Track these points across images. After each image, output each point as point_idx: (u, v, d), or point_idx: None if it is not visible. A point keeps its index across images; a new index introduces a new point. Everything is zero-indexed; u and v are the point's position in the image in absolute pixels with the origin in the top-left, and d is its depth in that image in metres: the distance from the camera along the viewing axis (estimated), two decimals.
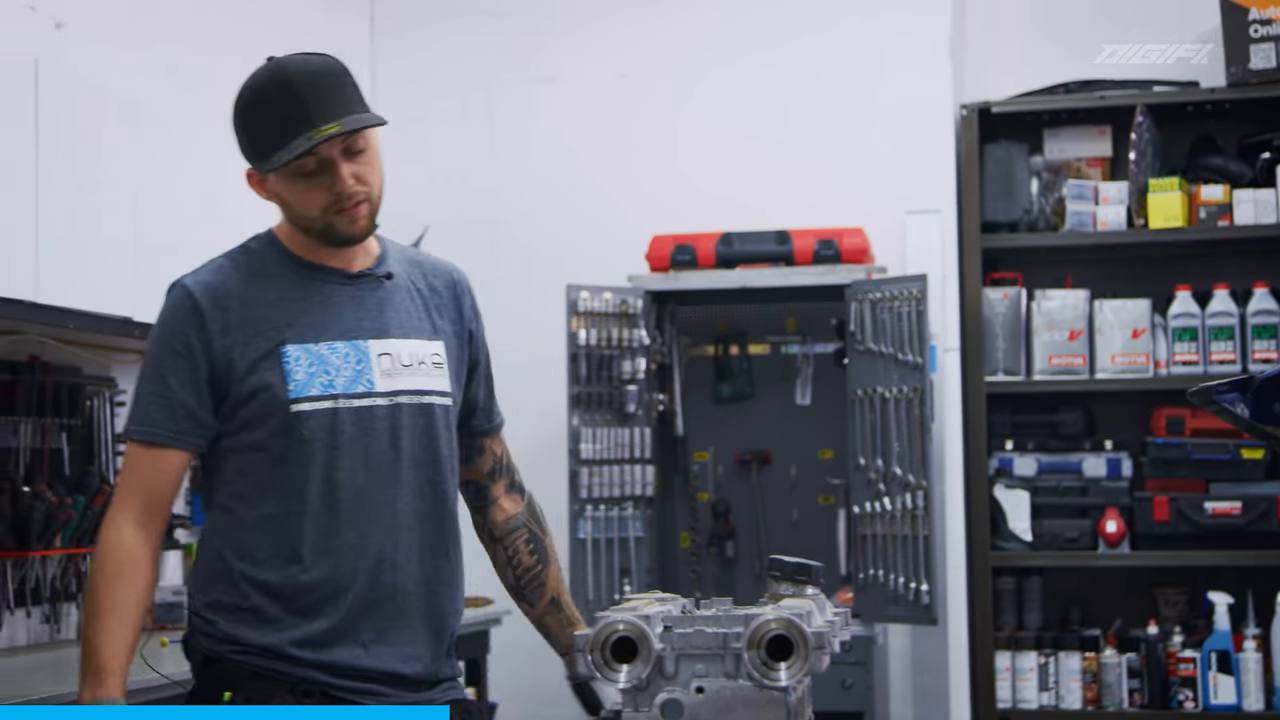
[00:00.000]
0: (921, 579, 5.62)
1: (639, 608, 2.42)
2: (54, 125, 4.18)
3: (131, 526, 2.83)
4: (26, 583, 4.52)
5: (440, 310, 3.07)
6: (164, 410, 2.84)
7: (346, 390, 2.87)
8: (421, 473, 2.94)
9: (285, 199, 2.89)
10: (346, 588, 2.84)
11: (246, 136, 2.87)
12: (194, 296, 2.87)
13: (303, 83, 2.81)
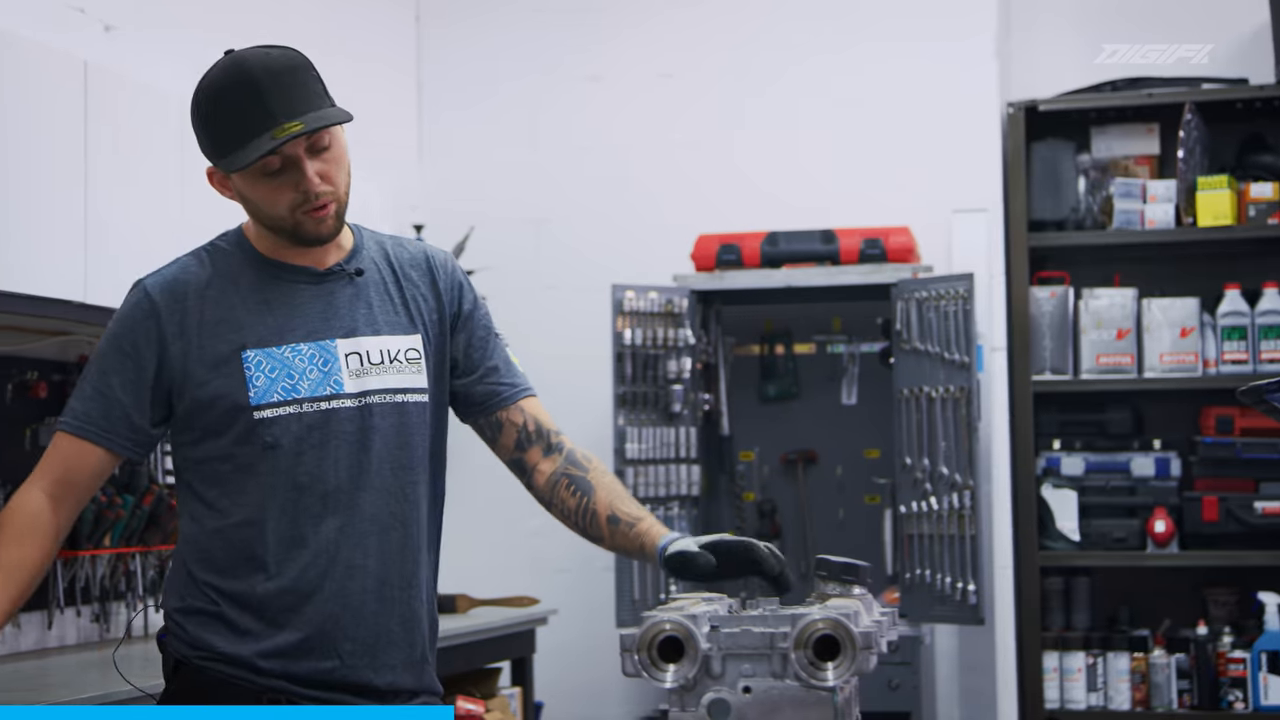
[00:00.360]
0: (968, 579, 5.61)
1: (685, 607, 2.42)
2: (102, 127, 4.20)
3: (42, 495, 2.77)
4: (76, 582, 4.55)
5: (417, 299, 2.93)
6: (99, 407, 2.77)
7: (311, 394, 2.77)
8: (392, 475, 2.83)
9: (250, 199, 2.79)
10: (313, 596, 2.75)
11: (207, 135, 2.76)
12: (152, 298, 2.79)
13: (264, 78, 2.69)
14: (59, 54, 4.15)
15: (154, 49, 5.06)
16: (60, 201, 4.07)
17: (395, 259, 2.95)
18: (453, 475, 6.83)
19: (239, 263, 2.84)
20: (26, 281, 3.95)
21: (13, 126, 3.91)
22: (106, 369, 2.79)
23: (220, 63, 2.75)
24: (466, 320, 2.99)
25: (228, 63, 2.74)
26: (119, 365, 2.78)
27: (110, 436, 2.78)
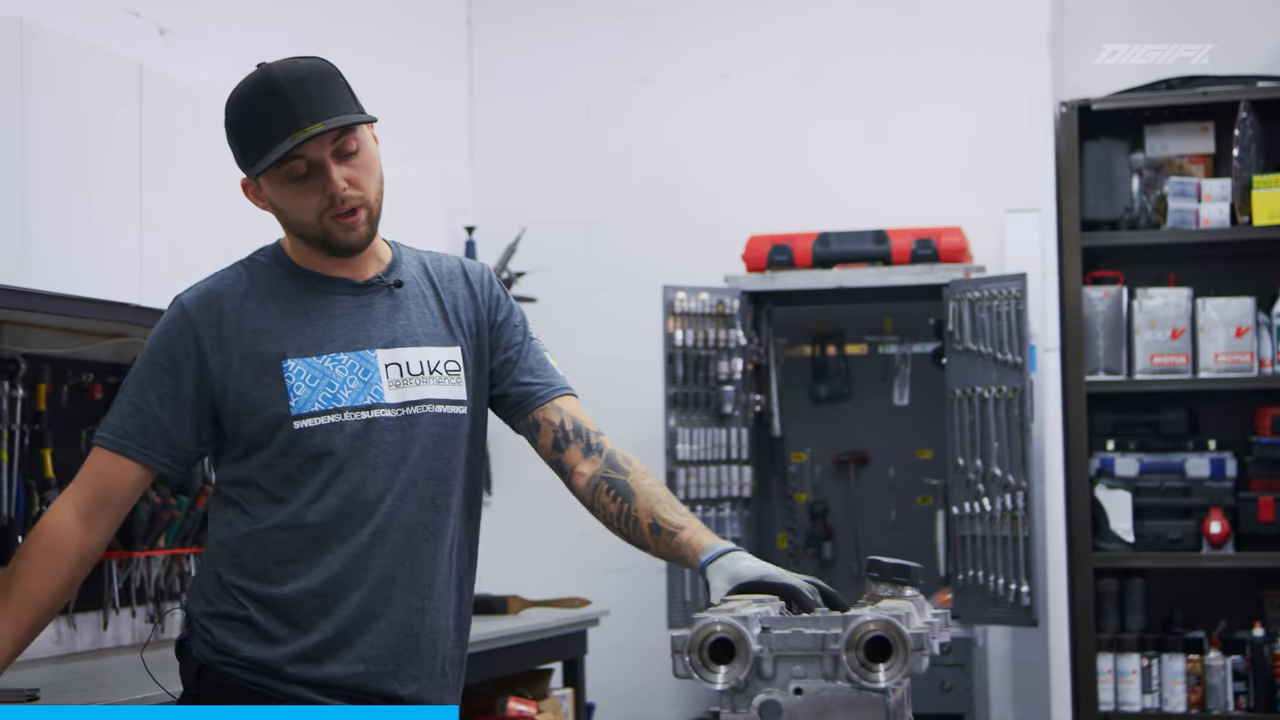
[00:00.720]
0: (1022, 580, 5.58)
1: (736, 609, 2.41)
2: (157, 130, 4.23)
3: (74, 514, 2.76)
4: (131, 582, 4.58)
5: (457, 311, 2.93)
6: (137, 423, 2.78)
7: (352, 403, 2.78)
8: (428, 485, 2.84)
9: (279, 206, 2.80)
10: (341, 600, 2.76)
11: (236, 143, 2.79)
12: (189, 313, 2.80)
13: (289, 85, 2.72)
14: (115, 58, 4.18)
15: (208, 52, 5.09)
16: (116, 204, 4.10)
17: (434, 272, 2.96)
18: (505, 478, 6.92)
19: (277, 275, 2.86)
20: (82, 284, 3.98)
21: (70, 130, 3.94)
22: (144, 384, 2.80)
23: (249, 75, 2.79)
24: (503, 327, 2.99)
25: (256, 74, 2.78)
26: (156, 381, 2.79)
27: (148, 452, 2.78)
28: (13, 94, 3.76)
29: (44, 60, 3.85)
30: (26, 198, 3.78)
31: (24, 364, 4.27)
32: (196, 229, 4.28)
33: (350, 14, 6.04)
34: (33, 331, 4.35)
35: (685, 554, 2.77)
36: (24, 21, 3.81)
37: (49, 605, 2.75)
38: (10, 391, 4.23)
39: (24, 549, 2.75)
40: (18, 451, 4.24)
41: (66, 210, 3.92)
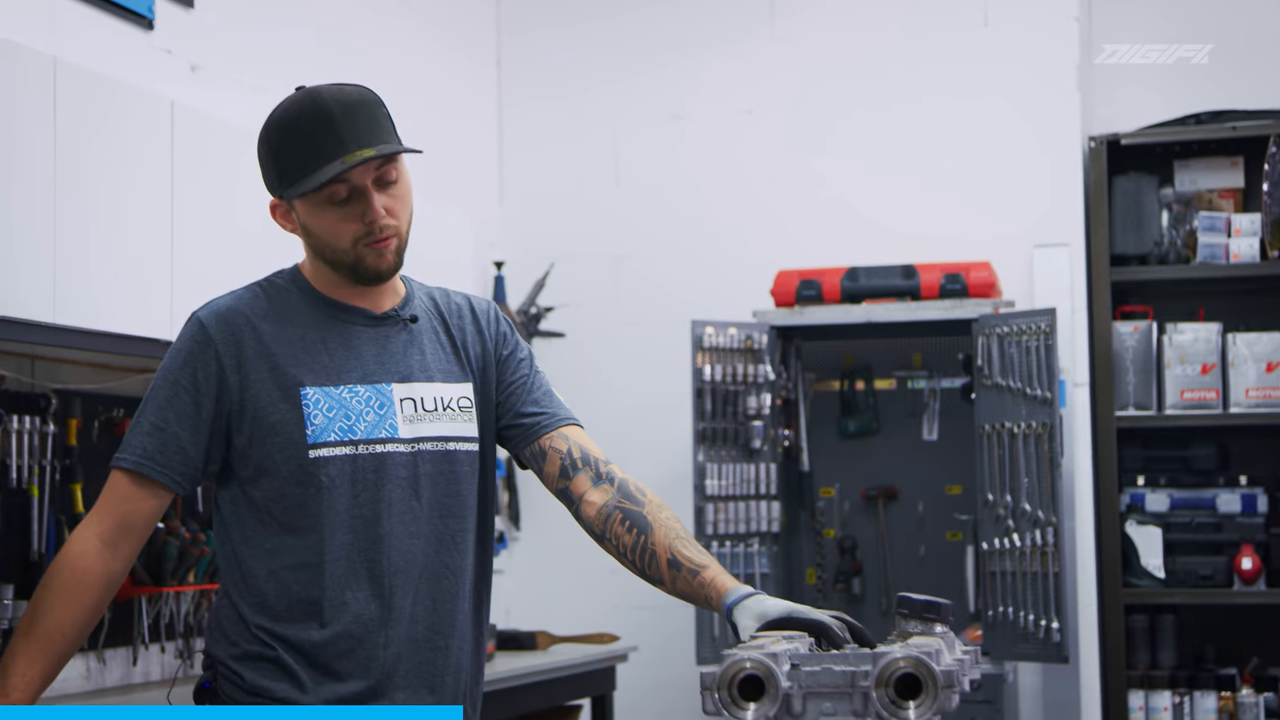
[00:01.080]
0: (1052, 616, 5.56)
1: (766, 645, 2.40)
2: (189, 166, 4.25)
3: (97, 543, 2.72)
4: (161, 618, 4.59)
5: (466, 347, 2.92)
6: (157, 443, 2.74)
7: (367, 436, 2.76)
8: (442, 523, 2.81)
9: (313, 229, 2.78)
10: (366, 642, 2.74)
11: (275, 163, 2.76)
12: (208, 330, 2.77)
13: (337, 109, 2.71)
14: (146, 94, 4.21)
15: (238, 88, 5.12)
16: (148, 239, 4.12)
17: (444, 308, 2.96)
18: (533, 514, 6.92)
19: (295, 299, 2.84)
20: (113, 320, 4.00)
21: (101, 165, 3.96)
22: (163, 403, 2.76)
23: (293, 96, 2.78)
24: (509, 360, 2.97)
25: (301, 95, 2.77)
26: (175, 399, 2.75)
27: (165, 471, 2.74)
28: (45, 130, 3.79)
29: (76, 97, 3.88)
30: (58, 233, 3.81)
31: (55, 399, 4.29)
32: (227, 264, 4.29)
33: (380, 53, 6.07)
34: (64, 367, 4.37)
35: (709, 595, 2.73)
36: (57, 59, 3.84)
37: (75, 636, 2.73)
38: (41, 427, 4.25)
39: (48, 579, 2.73)
40: (48, 486, 4.26)
41: (97, 246, 3.94)
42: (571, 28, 6.98)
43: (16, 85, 3.72)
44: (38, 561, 4.18)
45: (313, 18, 5.68)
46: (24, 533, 4.20)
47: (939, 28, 6.55)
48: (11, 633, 3.98)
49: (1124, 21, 6.58)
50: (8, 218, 3.68)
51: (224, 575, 2.83)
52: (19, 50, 3.75)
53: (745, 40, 6.79)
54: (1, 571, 4.09)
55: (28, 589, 4.10)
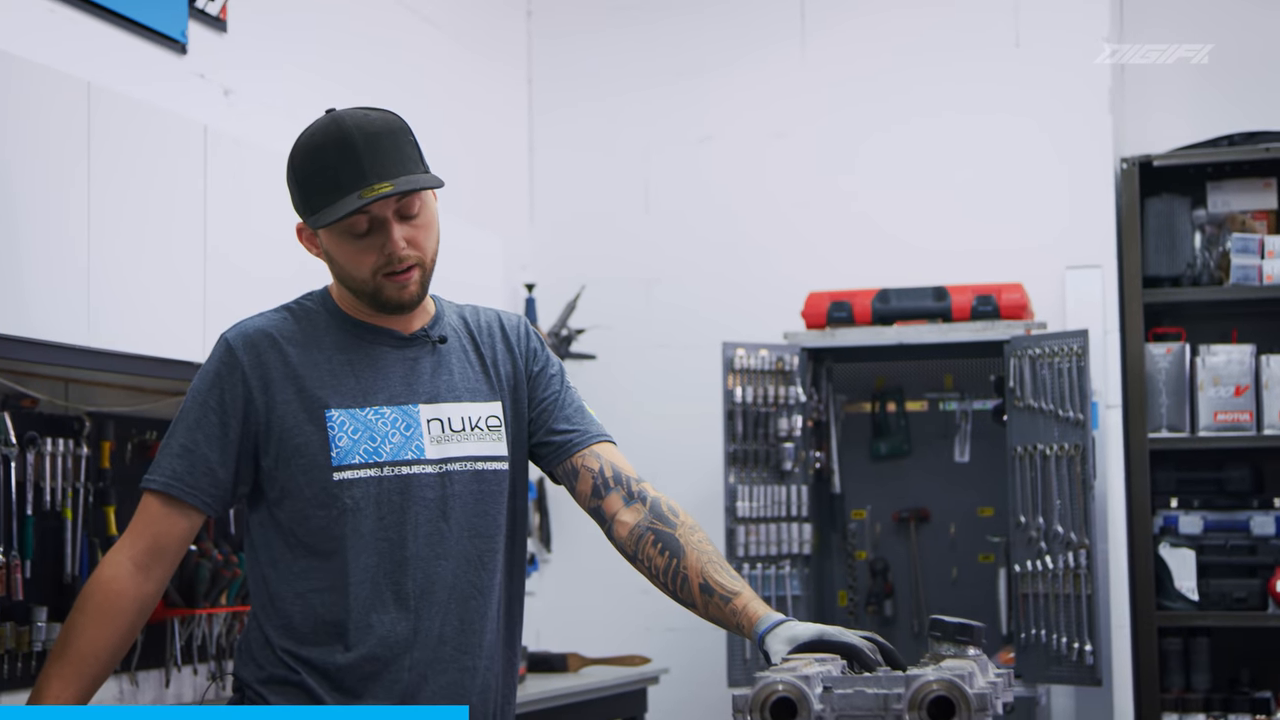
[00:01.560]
0: (1085, 639, 5.53)
1: (798, 668, 2.40)
2: (222, 189, 4.27)
3: (130, 566, 2.72)
4: (193, 640, 4.60)
5: (497, 365, 2.91)
6: (186, 464, 2.74)
7: (393, 458, 2.75)
8: (471, 543, 2.80)
9: (335, 258, 2.79)
10: (392, 665, 2.73)
11: (299, 190, 2.77)
12: (235, 352, 2.78)
13: (359, 138, 2.70)
14: (180, 119, 4.23)
15: (271, 113, 5.15)
16: (180, 263, 4.14)
17: (474, 326, 2.95)
18: (564, 535, 6.91)
19: (324, 321, 2.84)
20: (146, 343, 4.01)
21: (134, 190, 3.98)
22: (192, 425, 2.76)
23: (319, 121, 2.77)
24: (539, 377, 2.96)
25: (326, 120, 2.76)
26: (204, 420, 2.76)
27: (195, 493, 2.74)
28: (79, 155, 3.81)
29: (110, 122, 3.90)
30: (91, 257, 3.82)
31: (89, 422, 4.31)
32: (260, 287, 4.30)
33: (412, 74, 6.09)
34: (97, 390, 4.38)
35: (741, 622, 2.72)
36: (91, 85, 3.86)
37: (109, 659, 2.73)
38: (75, 450, 4.26)
39: (81, 602, 2.73)
40: (82, 509, 4.27)
41: (131, 269, 3.96)
42: (602, 52, 6.99)
43: (51, 110, 3.74)
44: (71, 584, 4.20)
45: (346, 41, 5.71)
46: (57, 555, 4.22)
47: (970, 49, 6.55)
48: (46, 655, 4.00)
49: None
50: (43, 241, 3.70)
51: (253, 598, 2.83)
52: (53, 75, 3.78)
53: (775, 62, 6.79)
54: (35, 594, 4.10)
55: (62, 611, 4.12)
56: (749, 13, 6.82)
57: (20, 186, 3.64)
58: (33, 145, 3.68)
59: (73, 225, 3.78)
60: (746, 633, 2.71)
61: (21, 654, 4.03)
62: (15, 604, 4.02)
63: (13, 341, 3.64)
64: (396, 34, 6.07)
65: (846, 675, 2.44)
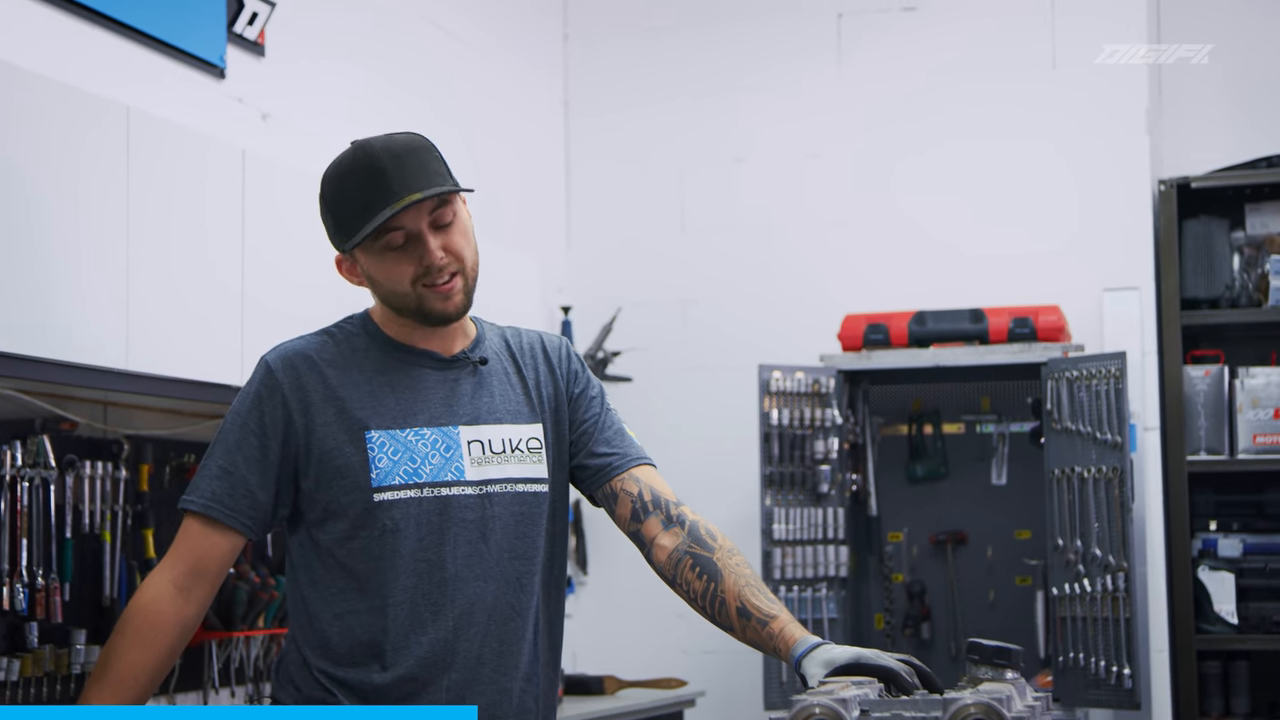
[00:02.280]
0: (1124, 662, 5.51)
1: (835, 691, 2.40)
2: (259, 213, 4.29)
3: (171, 588, 2.73)
4: (231, 662, 4.61)
5: (539, 387, 2.92)
6: (225, 486, 2.75)
7: (433, 479, 2.76)
8: (510, 565, 2.80)
9: (375, 277, 2.79)
10: (430, 686, 2.73)
11: (332, 219, 2.79)
12: (275, 374, 2.78)
13: (385, 158, 2.73)
14: (218, 142, 4.25)
15: (309, 136, 5.17)
16: (219, 286, 4.16)
17: (515, 348, 2.95)
18: (601, 558, 6.91)
19: (364, 344, 2.85)
20: (184, 366, 4.03)
21: (175, 214, 4.00)
22: (231, 446, 2.77)
23: (345, 151, 2.80)
24: (580, 399, 2.97)
25: (352, 149, 2.79)
26: (244, 442, 2.76)
27: (235, 515, 2.75)
28: (118, 178, 3.83)
29: (148, 145, 3.92)
30: (130, 281, 3.84)
31: (127, 445, 4.32)
32: (297, 310, 4.32)
33: (448, 97, 6.11)
34: (136, 413, 4.41)
35: (778, 645, 2.72)
36: (130, 109, 3.88)
37: (149, 681, 2.73)
38: (113, 473, 4.28)
39: (122, 625, 2.74)
40: (121, 532, 4.29)
41: (169, 292, 3.97)
42: (638, 74, 7.01)
43: (90, 134, 3.77)
44: (110, 607, 4.22)
45: (382, 65, 5.73)
46: (96, 578, 4.23)
47: (1006, 70, 6.54)
48: (84, 678, 4.02)
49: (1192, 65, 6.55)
50: (82, 265, 3.72)
51: (291, 619, 2.84)
52: (92, 100, 3.80)
53: (810, 83, 6.79)
54: (74, 617, 4.12)
55: (100, 634, 4.14)
56: (784, 34, 6.82)
57: (60, 210, 3.67)
58: (73, 169, 3.71)
59: (112, 249, 3.81)
60: (783, 656, 2.71)
61: (60, 676, 4.05)
62: (54, 626, 4.04)
63: (52, 365, 3.66)
64: (434, 58, 6.10)
65: (883, 699, 2.43)
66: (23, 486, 3.96)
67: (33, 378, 3.69)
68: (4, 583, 3.88)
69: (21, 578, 3.92)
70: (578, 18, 7.09)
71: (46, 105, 3.65)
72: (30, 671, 3.96)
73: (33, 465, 3.98)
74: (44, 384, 3.89)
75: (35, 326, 3.58)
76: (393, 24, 5.85)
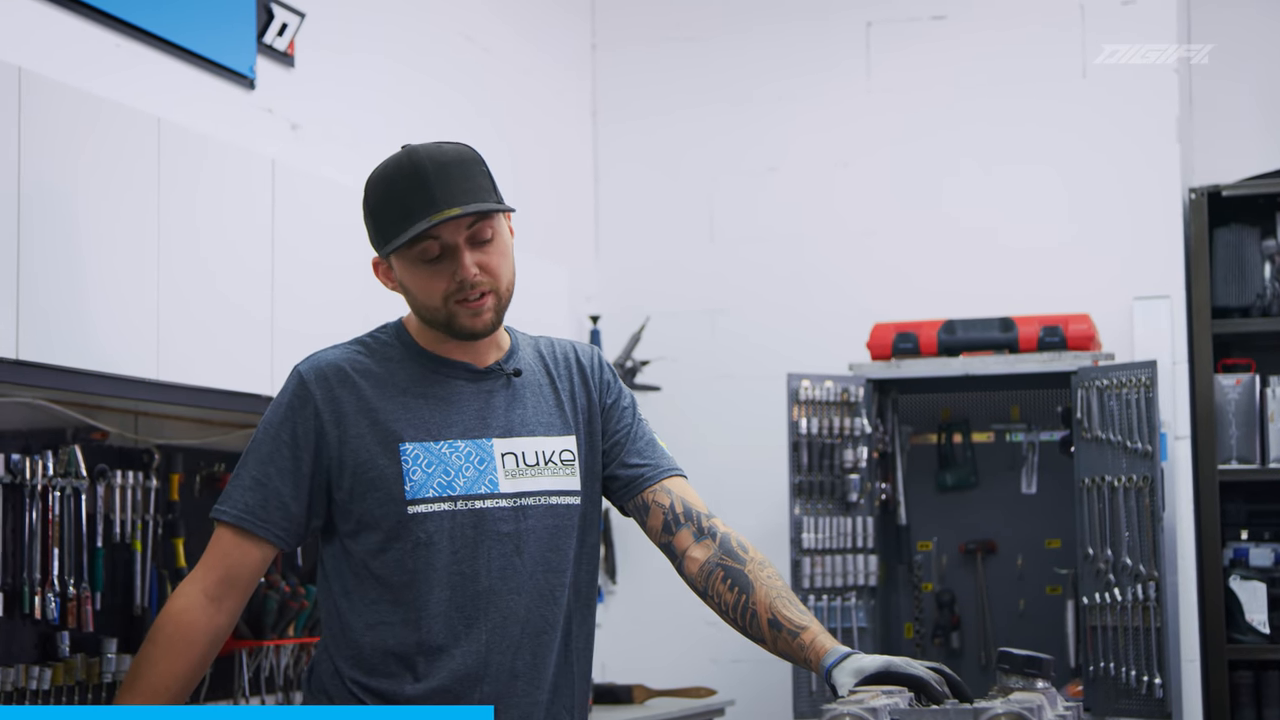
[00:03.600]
0: (1154, 672, 5.48)
1: (865, 700, 2.39)
2: (289, 223, 4.30)
3: (202, 598, 2.72)
4: (261, 671, 4.62)
5: (573, 398, 2.91)
6: (259, 497, 2.74)
7: (467, 491, 2.75)
8: (544, 578, 2.79)
9: (408, 286, 2.78)
10: (462, 699, 2.72)
11: (373, 221, 2.78)
12: (308, 385, 2.77)
13: (431, 168, 2.71)
14: (248, 153, 4.26)
15: (337, 146, 5.19)
16: (249, 296, 4.17)
17: (549, 359, 2.94)
18: (630, 567, 6.90)
19: (398, 354, 2.84)
20: (214, 376, 4.04)
21: (205, 225, 4.02)
22: (264, 457, 2.76)
23: (392, 156, 2.79)
24: (613, 409, 2.96)
25: (399, 154, 2.78)
26: (277, 454, 2.75)
27: (268, 527, 2.74)
28: (149, 190, 3.85)
29: (179, 156, 3.94)
30: (161, 291, 3.86)
31: (158, 455, 4.34)
32: (327, 320, 4.33)
33: (476, 107, 6.12)
34: (166, 423, 4.42)
35: (809, 656, 2.72)
36: (161, 120, 3.90)
37: (179, 691, 2.73)
38: (144, 482, 4.30)
39: (153, 634, 2.74)
40: (151, 541, 4.31)
41: (200, 302, 3.99)
42: (666, 83, 7.01)
43: (121, 145, 3.78)
44: (141, 616, 4.23)
45: (411, 75, 5.75)
46: (127, 587, 4.25)
47: (1036, 79, 6.53)
48: (115, 687, 4.04)
49: (1223, 72, 6.53)
50: (113, 276, 3.73)
51: (324, 629, 2.84)
52: (123, 111, 3.82)
53: (839, 91, 6.79)
54: (106, 626, 4.14)
55: (131, 643, 4.16)
56: (812, 42, 6.82)
57: (91, 221, 3.68)
58: (104, 180, 3.73)
59: (143, 259, 3.82)
60: (814, 666, 2.70)
61: (92, 685, 4.06)
62: (85, 635, 4.06)
63: (83, 375, 3.68)
64: (462, 68, 6.11)
65: (914, 708, 2.42)
66: (54, 496, 3.98)
67: (64, 388, 3.71)
68: (36, 592, 3.91)
69: (53, 587, 3.95)
70: (606, 26, 7.10)
71: (78, 117, 3.67)
72: (62, 680, 3.98)
73: (64, 475, 4.00)
74: (75, 394, 3.91)
75: (67, 337, 3.60)
76: (421, 34, 5.86)
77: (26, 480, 3.92)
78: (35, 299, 3.50)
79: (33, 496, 3.93)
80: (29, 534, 3.92)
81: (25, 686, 3.88)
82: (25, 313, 3.48)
